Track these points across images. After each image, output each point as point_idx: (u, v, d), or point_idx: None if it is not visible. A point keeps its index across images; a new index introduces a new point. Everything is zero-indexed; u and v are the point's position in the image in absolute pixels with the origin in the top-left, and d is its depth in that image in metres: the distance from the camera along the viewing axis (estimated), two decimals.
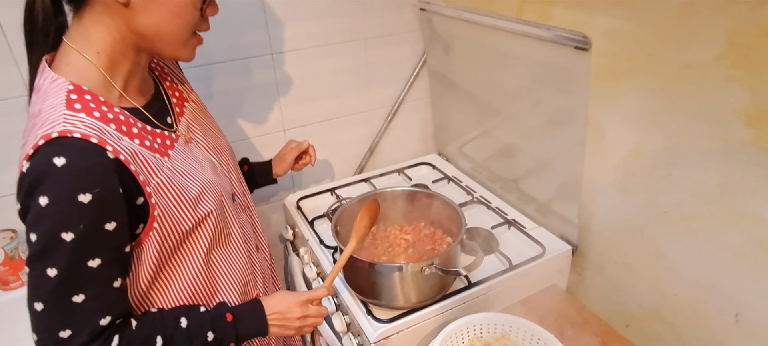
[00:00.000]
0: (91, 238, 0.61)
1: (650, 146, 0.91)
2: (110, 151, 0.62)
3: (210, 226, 0.77)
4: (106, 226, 0.62)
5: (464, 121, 1.46)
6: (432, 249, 1.05)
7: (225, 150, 0.92)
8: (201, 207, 0.75)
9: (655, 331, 1.03)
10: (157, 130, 0.75)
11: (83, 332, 0.63)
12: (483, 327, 0.92)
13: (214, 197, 0.78)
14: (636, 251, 1.02)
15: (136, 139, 0.69)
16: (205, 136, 0.87)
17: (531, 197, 1.25)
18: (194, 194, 0.74)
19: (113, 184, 0.62)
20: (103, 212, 0.61)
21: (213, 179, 0.80)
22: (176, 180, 0.72)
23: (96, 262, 0.62)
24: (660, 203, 0.93)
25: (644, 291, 1.03)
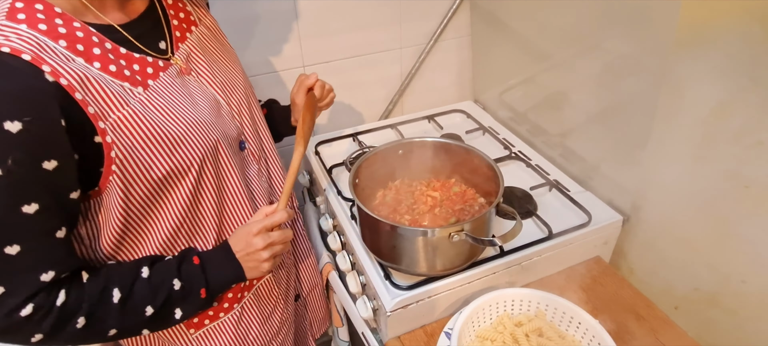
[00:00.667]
0: (24, 177, 0.52)
1: (740, 107, 0.75)
2: (48, 73, 0.52)
3: (193, 175, 0.66)
4: (44, 164, 0.52)
5: (507, 64, 1.29)
6: (461, 209, 0.93)
7: (238, 88, 0.80)
8: (181, 152, 0.64)
9: (710, 318, 0.90)
10: (136, 55, 0.64)
11: (19, 290, 0.55)
12: (515, 303, 0.82)
13: (204, 141, 0.67)
14: (701, 227, 0.88)
15: (97, 62, 0.58)
16: (211, 69, 0.76)
17: (578, 156, 1.10)
18: (173, 135, 0.63)
19: (51, 113, 0.52)
20: (37, 146, 0.51)
21: (208, 119, 0.69)
22: (149, 116, 0.61)
23: (32, 207, 0.53)
24: (743, 175, 0.77)
25: (704, 273, 0.89)
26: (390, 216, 0.92)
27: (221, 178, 0.72)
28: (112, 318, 0.61)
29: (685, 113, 0.83)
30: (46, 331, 0.57)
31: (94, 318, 0.60)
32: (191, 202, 0.68)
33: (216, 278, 0.70)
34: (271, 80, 1.22)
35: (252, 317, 0.84)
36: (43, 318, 0.56)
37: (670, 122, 0.86)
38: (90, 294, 0.59)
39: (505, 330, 0.78)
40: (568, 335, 0.78)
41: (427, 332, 0.87)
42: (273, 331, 0.89)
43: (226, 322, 0.80)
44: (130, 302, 0.62)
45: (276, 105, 1.03)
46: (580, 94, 1.07)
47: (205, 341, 0.79)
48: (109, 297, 0.61)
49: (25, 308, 0.55)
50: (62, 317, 0.57)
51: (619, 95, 0.96)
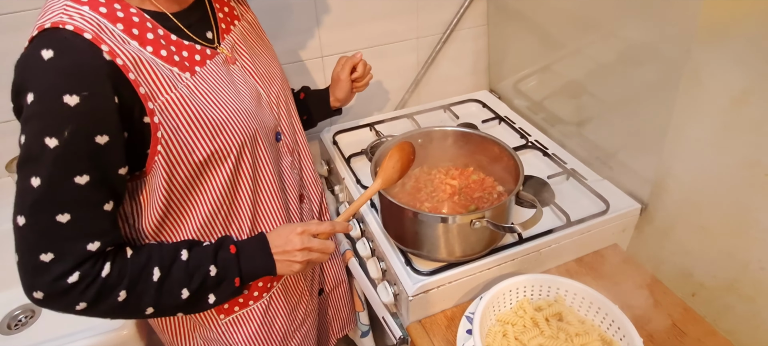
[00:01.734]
0: (78, 149, 0.54)
1: (761, 95, 0.75)
2: (106, 52, 0.55)
3: (232, 160, 0.68)
4: (96, 138, 0.55)
5: (523, 53, 1.30)
6: (480, 197, 0.95)
7: (276, 81, 0.83)
8: (223, 137, 0.66)
9: (727, 304, 0.91)
10: (185, 43, 0.66)
11: (67, 258, 0.57)
12: (535, 289, 0.83)
13: (245, 129, 0.69)
14: (720, 215, 0.88)
15: (150, 46, 0.61)
16: (253, 61, 0.78)
17: (596, 145, 1.11)
18: (216, 120, 0.65)
19: (106, 90, 0.55)
20: (92, 120, 0.54)
21: (249, 108, 0.71)
22: (195, 100, 0.63)
23: (84, 179, 0.55)
24: (763, 163, 0.77)
25: (722, 260, 0.90)
26: (410, 204, 0.94)
27: (257, 167, 0.74)
28: (150, 296, 0.63)
29: (705, 102, 0.84)
30: (89, 300, 0.59)
31: (134, 293, 0.62)
32: (229, 187, 0.70)
33: (249, 269, 0.71)
34: (291, 70, 1.24)
35: (279, 308, 0.86)
36: (87, 287, 0.58)
37: (690, 111, 0.86)
38: (132, 269, 0.62)
39: (525, 315, 0.80)
40: (587, 319, 0.80)
41: (447, 316, 0.89)
42: (297, 322, 0.91)
43: (255, 310, 0.82)
44: (167, 282, 0.64)
45: (312, 89, 1.06)
46: (597, 83, 1.08)
47: (234, 326, 0.82)
48: (149, 275, 0.63)
49: (71, 276, 0.57)
50: (105, 288, 0.59)
51: (636, 84, 0.96)
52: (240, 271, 0.70)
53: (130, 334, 0.89)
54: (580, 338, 0.75)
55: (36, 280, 0.56)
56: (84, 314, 0.61)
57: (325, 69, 1.27)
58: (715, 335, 0.83)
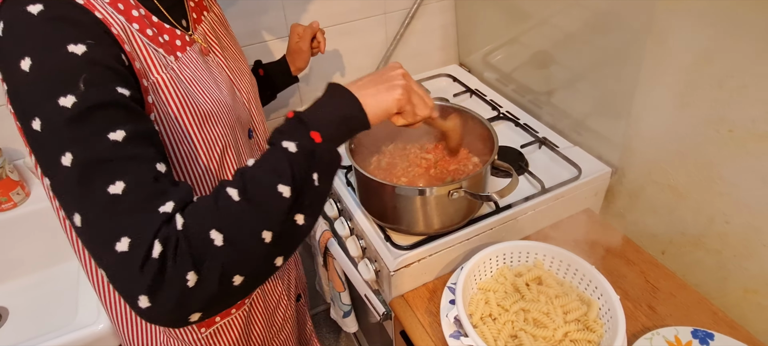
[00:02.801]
0: (101, 100, 0.44)
1: (725, 52, 0.77)
2: (101, 19, 0.48)
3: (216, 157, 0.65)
4: (118, 89, 0.46)
5: (490, 25, 1.30)
6: (456, 169, 0.95)
7: (245, 76, 0.79)
8: (210, 129, 0.62)
9: (696, 259, 0.94)
10: (166, 26, 0.61)
11: (145, 233, 0.43)
12: (514, 255, 0.84)
13: (227, 123, 0.66)
14: (685, 173, 0.91)
15: (136, 23, 0.55)
16: (224, 54, 0.74)
17: (565, 113, 1.12)
18: (203, 109, 0.61)
19: (112, 44, 0.49)
20: (105, 70, 0.46)
21: (229, 102, 0.68)
22: (182, 86, 0.59)
23: (119, 133, 0.44)
24: (726, 119, 0.80)
25: (690, 217, 0.93)
26: (389, 177, 0.93)
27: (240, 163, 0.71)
28: (247, 218, 0.47)
29: (669, 62, 0.86)
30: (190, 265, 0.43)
31: (228, 227, 0.46)
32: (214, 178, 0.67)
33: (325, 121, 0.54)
34: (256, 51, 1.20)
35: (257, 314, 0.82)
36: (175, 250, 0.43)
37: (655, 72, 0.88)
38: (206, 206, 0.47)
39: (505, 281, 0.81)
40: (566, 281, 0.82)
41: (429, 288, 0.89)
42: (275, 328, 0.88)
43: (236, 319, 0.78)
44: (254, 193, 0.48)
45: (268, 63, 1.05)
46: (564, 52, 1.09)
47: (214, 338, 0.77)
48: (227, 199, 0.47)
49: (154, 249, 0.43)
50: (193, 241, 0.44)
51: (603, 50, 0.97)
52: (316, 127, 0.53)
53: (104, 330, 0.86)
54: (560, 299, 0.77)
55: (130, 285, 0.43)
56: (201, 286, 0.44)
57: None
58: (686, 287, 0.87)
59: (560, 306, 0.77)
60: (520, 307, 0.76)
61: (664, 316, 0.82)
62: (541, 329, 0.74)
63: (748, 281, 0.86)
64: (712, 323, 0.80)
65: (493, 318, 0.77)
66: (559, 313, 0.76)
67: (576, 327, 0.74)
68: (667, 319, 0.81)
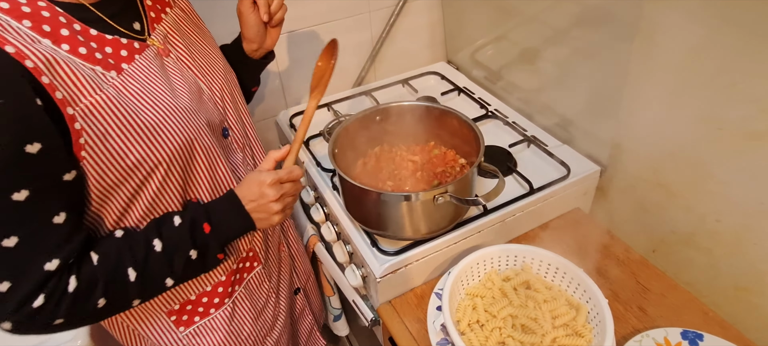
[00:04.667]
0: (8, 164, 0.48)
1: (715, 49, 0.75)
2: (12, 54, 0.48)
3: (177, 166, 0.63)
4: (27, 148, 0.49)
5: (478, 22, 1.28)
6: (443, 172, 0.93)
7: (219, 72, 0.76)
8: (160, 140, 0.60)
9: (687, 257, 0.93)
10: (108, 37, 0.59)
11: (25, 283, 0.52)
12: (501, 260, 0.83)
13: (186, 129, 0.63)
14: (676, 171, 0.90)
15: (66, 43, 0.54)
16: (191, 53, 0.72)
17: (554, 111, 1.11)
18: (150, 122, 0.59)
19: (25, 92, 0.48)
20: (16, 129, 0.48)
21: (189, 105, 0.65)
22: (123, 102, 0.57)
23: (22, 194, 0.50)
24: (717, 117, 0.79)
25: (680, 215, 0.92)
26: (372, 184, 0.91)
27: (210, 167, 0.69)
28: (132, 293, 0.60)
29: (659, 60, 0.84)
30: (64, 315, 0.55)
31: (113, 296, 0.58)
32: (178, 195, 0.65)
33: (229, 236, 0.68)
34: None
35: (244, 313, 0.81)
36: (56, 305, 0.54)
37: (645, 70, 0.86)
38: (104, 274, 0.57)
39: (493, 286, 0.80)
40: (554, 285, 0.80)
41: (416, 294, 0.87)
42: (267, 326, 0.87)
43: (218, 318, 0.78)
44: (146, 277, 0.60)
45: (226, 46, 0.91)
46: (553, 49, 1.07)
47: (197, 339, 0.77)
48: (124, 276, 0.59)
49: (36, 300, 0.52)
50: (78, 301, 0.55)
51: (592, 47, 0.96)
52: (221, 244, 0.67)
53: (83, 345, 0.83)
54: (548, 305, 0.76)
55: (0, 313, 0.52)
56: (66, 328, 0.57)
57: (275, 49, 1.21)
58: (677, 288, 0.85)
59: (549, 311, 0.75)
60: (508, 313, 0.75)
61: (655, 317, 0.80)
62: (530, 335, 0.72)
63: (739, 278, 0.85)
64: (703, 324, 0.79)
65: (480, 325, 0.75)
66: (547, 318, 0.74)
67: (564, 332, 0.73)
68: (657, 320, 0.80)
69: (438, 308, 0.79)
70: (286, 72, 1.26)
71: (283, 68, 1.25)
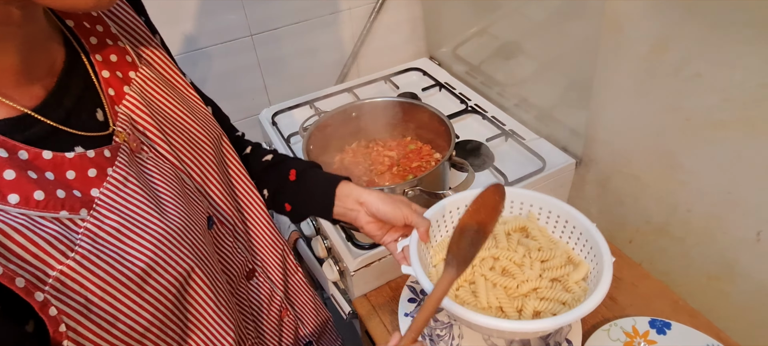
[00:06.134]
0: None
1: (678, 40, 0.76)
2: None
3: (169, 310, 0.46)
4: None
5: (458, 17, 1.28)
6: (419, 166, 0.94)
7: (203, 144, 0.57)
8: (153, 286, 0.43)
9: (661, 247, 0.95)
10: (69, 155, 0.41)
11: None
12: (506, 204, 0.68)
13: (179, 261, 0.46)
14: (648, 162, 0.91)
15: (14, 194, 0.36)
16: (164, 134, 0.52)
17: (532, 104, 1.12)
18: (140, 267, 0.42)
19: None
20: None
21: (178, 221, 0.47)
22: (102, 251, 0.40)
23: None
24: (683, 108, 0.79)
25: (653, 205, 0.93)
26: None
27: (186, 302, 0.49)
28: None
29: (626, 51, 0.85)
30: None
31: None
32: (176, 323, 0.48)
33: None
34: (217, 52, 1.18)
35: None
36: None
37: (613, 61, 0.87)
38: None
39: None
40: (558, 240, 0.70)
41: (391, 287, 0.88)
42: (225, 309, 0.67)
43: None
44: None
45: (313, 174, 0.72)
46: (530, 42, 1.08)
47: None
48: None
49: None
50: None
51: (565, 39, 0.97)
52: None
53: None
54: (542, 253, 0.66)
55: None
56: None
57: (256, 48, 1.23)
58: (648, 277, 0.86)
59: (538, 260, 0.66)
60: (490, 254, 0.66)
61: (625, 306, 0.81)
62: (507, 278, 0.63)
63: (710, 267, 0.86)
64: (672, 312, 0.80)
65: None
66: (535, 267, 0.65)
67: (550, 285, 0.63)
68: (627, 309, 0.81)
69: (409, 299, 0.80)
70: (268, 70, 1.27)
71: (264, 66, 1.26)
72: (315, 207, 0.71)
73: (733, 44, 0.69)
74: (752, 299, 0.80)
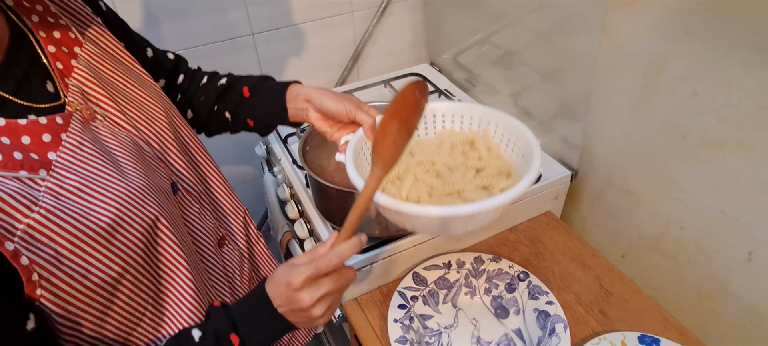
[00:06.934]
0: None
1: (677, 58, 0.77)
2: None
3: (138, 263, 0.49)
4: None
5: (460, 25, 1.29)
6: None
7: (157, 114, 0.60)
8: (120, 239, 0.47)
9: (653, 263, 0.95)
10: (22, 122, 0.44)
11: None
12: (462, 119, 0.68)
13: (143, 215, 0.49)
14: (643, 178, 0.91)
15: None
16: (117, 104, 0.55)
17: (530, 115, 1.12)
18: (105, 222, 0.45)
19: None
20: None
21: (138, 181, 0.50)
22: (67, 209, 0.43)
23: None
24: (680, 126, 0.80)
25: (647, 221, 0.93)
26: (345, 181, 0.92)
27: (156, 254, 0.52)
28: None
29: (625, 67, 0.85)
30: None
31: None
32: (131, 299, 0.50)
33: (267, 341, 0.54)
34: (218, 50, 1.18)
35: None
36: None
37: (612, 76, 0.88)
38: None
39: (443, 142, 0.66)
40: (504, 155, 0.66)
41: (382, 292, 0.88)
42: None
43: None
44: None
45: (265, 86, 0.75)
46: (531, 53, 1.08)
47: None
48: None
49: None
50: None
51: (565, 52, 0.97)
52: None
53: None
54: (482, 162, 0.64)
55: None
56: None
57: (257, 47, 1.22)
58: (640, 293, 0.86)
59: (474, 168, 0.63)
60: (429, 158, 0.63)
61: (615, 321, 0.81)
62: (438, 179, 0.61)
63: (702, 286, 0.86)
64: (662, 329, 0.80)
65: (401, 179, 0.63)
66: (468, 174, 0.62)
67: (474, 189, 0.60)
68: (617, 324, 0.81)
69: (399, 305, 0.80)
70: (268, 69, 1.27)
71: (265, 65, 1.26)
72: (272, 115, 0.74)
73: (732, 65, 0.70)
74: (743, 319, 0.80)
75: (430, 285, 0.85)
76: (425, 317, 0.82)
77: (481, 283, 0.86)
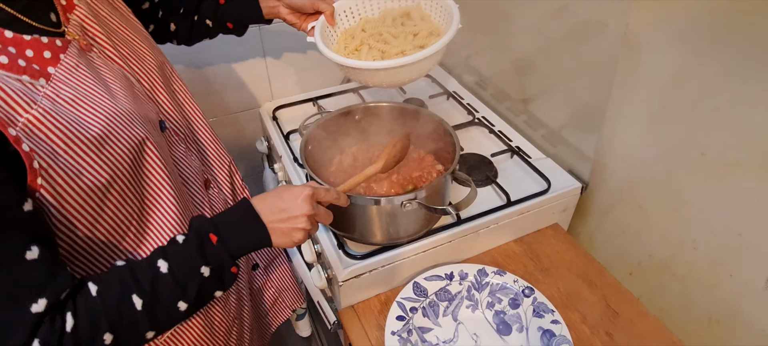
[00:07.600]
0: None
1: (699, 73, 0.73)
2: None
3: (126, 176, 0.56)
4: None
5: (473, 27, 1.25)
6: (419, 176, 0.91)
7: (146, 60, 0.69)
8: (111, 150, 0.53)
9: (662, 283, 0.91)
10: (26, 37, 0.51)
11: (14, 331, 0.45)
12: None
13: (131, 136, 0.56)
14: (656, 195, 0.87)
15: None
16: (112, 42, 0.63)
17: (541, 122, 1.08)
18: (96, 131, 0.52)
19: None
20: None
21: (127, 106, 0.58)
22: (63, 114, 0.50)
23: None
24: (698, 143, 0.76)
25: (657, 240, 0.90)
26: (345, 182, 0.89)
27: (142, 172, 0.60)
28: (142, 324, 0.53)
29: (643, 80, 0.82)
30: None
31: (121, 330, 0.51)
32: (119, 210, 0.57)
33: (241, 248, 0.59)
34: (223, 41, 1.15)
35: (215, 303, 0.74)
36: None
37: (629, 89, 0.84)
38: (106, 308, 0.50)
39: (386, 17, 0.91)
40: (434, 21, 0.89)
41: (381, 300, 0.85)
42: (233, 313, 0.79)
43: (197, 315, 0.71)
44: (157, 304, 0.53)
45: None
46: (545, 59, 1.05)
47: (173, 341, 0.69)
48: (129, 306, 0.51)
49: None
50: (80, 340, 0.48)
51: (581, 60, 0.93)
52: (232, 257, 0.58)
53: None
54: (416, 27, 0.86)
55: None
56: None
57: (263, 39, 1.20)
58: (647, 316, 0.83)
59: (412, 33, 0.86)
60: (377, 31, 0.86)
61: (621, 344, 0.78)
62: (385, 45, 0.84)
63: (712, 311, 0.83)
64: None
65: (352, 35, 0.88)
66: (408, 39, 0.85)
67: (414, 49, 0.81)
68: None
69: (398, 317, 0.77)
70: (273, 63, 1.24)
71: (269, 59, 1.23)
72: (248, 15, 0.89)
73: (756, 82, 0.66)
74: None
75: (431, 296, 0.82)
76: (424, 330, 0.79)
77: (483, 297, 0.83)
